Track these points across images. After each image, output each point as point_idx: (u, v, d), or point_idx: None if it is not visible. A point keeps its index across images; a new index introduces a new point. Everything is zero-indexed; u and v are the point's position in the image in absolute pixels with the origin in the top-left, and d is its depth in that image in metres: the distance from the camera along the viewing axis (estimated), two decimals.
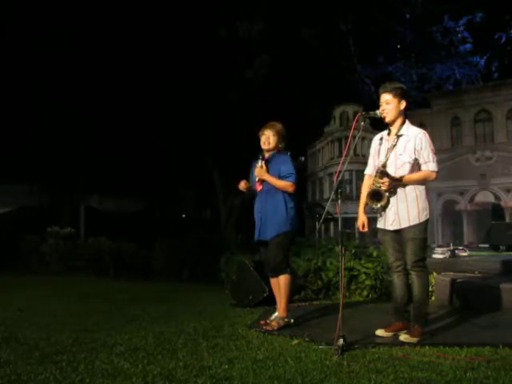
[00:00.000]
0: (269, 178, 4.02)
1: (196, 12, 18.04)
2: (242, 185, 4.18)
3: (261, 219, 4.06)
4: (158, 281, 9.33)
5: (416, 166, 3.42)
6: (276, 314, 4.07)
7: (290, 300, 4.45)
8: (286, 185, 4.00)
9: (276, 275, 4.03)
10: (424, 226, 3.43)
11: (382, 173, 3.35)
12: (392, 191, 3.40)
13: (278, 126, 4.15)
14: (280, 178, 4.01)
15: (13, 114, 18.50)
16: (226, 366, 2.72)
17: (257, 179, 4.09)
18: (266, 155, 4.12)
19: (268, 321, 3.99)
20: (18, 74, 17.94)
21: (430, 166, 3.41)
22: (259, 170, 4.05)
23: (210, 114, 18.75)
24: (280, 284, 3.99)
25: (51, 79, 18.10)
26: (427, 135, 3.46)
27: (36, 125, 18.83)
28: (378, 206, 3.41)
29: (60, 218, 19.02)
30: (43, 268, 11.80)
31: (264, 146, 4.12)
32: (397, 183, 3.37)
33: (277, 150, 4.14)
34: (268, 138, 4.09)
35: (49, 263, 11.86)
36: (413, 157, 3.40)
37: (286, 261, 4.02)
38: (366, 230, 3.58)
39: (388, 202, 3.40)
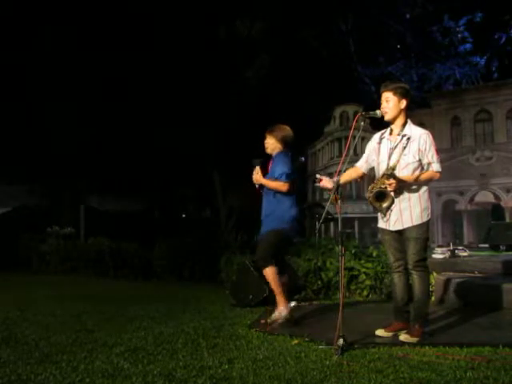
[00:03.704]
0: (264, 181, 4.14)
1: (196, 12, 18.03)
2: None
3: (262, 218, 4.19)
4: (158, 281, 9.32)
5: (419, 166, 3.42)
6: (276, 313, 4.09)
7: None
8: (277, 185, 4.07)
9: (260, 268, 4.10)
10: (426, 226, 3.44)
11: (390, 174, 3.34)
12: (397, 191, 3.40)
13: (276, 129, 4.21)
14: (275, 179, 4.08)
15: (13, 114, 18.49)
16: (226, 366, 2.72)
17: (256, 185, 4.20)
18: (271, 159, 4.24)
19: (269, 320, 4.01)
20: (18, 74, 17.94)
21: (434, 166, 3.41)
22: (255, 176, 4.17)
23: (209, 114, 18.75)
24: (267, 278, 4.04)
25: (51, 79, 18.09)
26: (431, 136, 3.46)
27: (36, 125, 18.83)
28: (384, 206, 3.40)
29: (60, 218, 19.00)
30: (43, 268, 11.79)
31: (266, 151, 4.25)
32: (402, 184, 3.37)
33: (278, 152, 4.20)
34: (266, 143, 4.23)
35: (49, 263, 11.84)
36: (417, 158, 3.39)
37: (270, 256, 4.02)
38: (320, 183, 3.57)
39: (392, 203, 3.39)
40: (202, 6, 17.89)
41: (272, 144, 4.18)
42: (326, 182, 3.56)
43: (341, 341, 2.99)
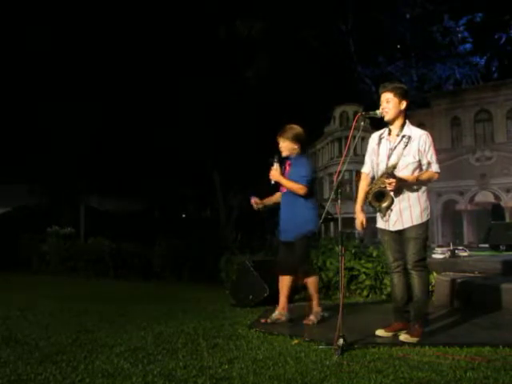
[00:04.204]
0: (282, 180, 4.12)
1: (196, 11, 18.03)
2: (255, 202, 4.29)
3: (283, 220, 4.18)
4: (158, 281, 9.32)
5: (419, 166, 3.43)
6: (276, 312, 4.13)
7: (291, 300, 4.48)
8: (296, 187, 4.07)
9: (303, 277, 4.16)
10: (426, 226, 3.45)
11: (390, 174, 3.34)
12: (396, 191, 3.40)
13: (288, 130, 4.20)
14: (295, 181, 4.09)
15: (13, 114, 18.49)
16: (226, 366, 2.72)
17: (272, 182, 4.18)
18: (288, 160, 4.23)
19: (269, 320, 4.03)
20: (17, 74, 17.93)
21: (433, 167, 3.43)
22: (273, 173, 4.13)
23: (209, 114, 18.74)
24: (308, 285, 4.13)
25: (51, 79, 18.09)
26: (430, 136, 3.47)
27: (36, 125, 18.82)
28: (383, 206, 3.40)
29: (60, 218, 19.00)
30: (43, 268, 11.79)
31: (282, 154, 4.23)
32: (402, 184, 3.38)
33: (297, 153, 4.21)
34: (281, 147, 4.21)
35: (49, 263, 11.85)
36: (417, 158, 3.41)
37: (308, 262, 4.19)
38: (364, 227, 3.59)
39: (392, 203, 3.39)
40: (202, 6, 17.88)
41: (287, 146, 4.17)
42: None
43: (341, 341, 2.99)
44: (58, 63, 17.99)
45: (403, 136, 3.46)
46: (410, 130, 3.49)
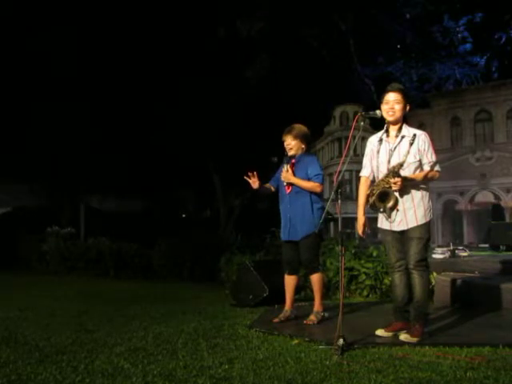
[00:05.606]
0: (296, 180, 4.12)
1: (196, 11, 18.04)
2: (255, 183, 4.22)
3: (290, 220, 4.16)
4: (158, 281, 9.33)
5: (419, 166, 3.44)
6: (286, 309, 4.19)
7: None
8: (313, 186, 4.09)
9: (309, 274, 4.19)
10: (428, 226, 3.47)
11: (395, 173, 3.35)
12: (400, 191, 3.40)
13: (296, 128, 4.22)
14: (308, 179, 4.09)
15: (12, 113, 18.49)
16: (226, 366, 2.72)
17: (285, 183, 4.19)
18: (293, 159, 4.22)
19: (281, 317, 4.10)
20: (17, 74, 17.94)
21: (433, 166, 3.45)
22: (285, 175, 4.14)
23: (210, 114, 18.74)
24: (313, 282, 4.14)
25: (51, 79, 18.10)
26: (428, 136, 3.49)
27: (36, 125, 18.82)
28: (388, 206, 3.39)
29: (60, 218, 19.01)
30: (43, 268, 11.80)
31: (289, 153, 4.23)
32: (406, 183, 3.38)
33: (302, 152, 4.22)
34: (289, 145, 4.21)
35: (49, 263, 11.85)
36: (417, 158, 3.42)
37: (318, 259, 4.19)
38: (367, 231, 3.59)
39: (396, 203, 3.39)
40: (201, 6, 17.88)
41: (296, 145, 4.19)
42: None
43: (341, 341, 2.99)
44: (59, 63, 17.98)
45: (402, 136, 3.48)
46: (408, 130, 3.51)
